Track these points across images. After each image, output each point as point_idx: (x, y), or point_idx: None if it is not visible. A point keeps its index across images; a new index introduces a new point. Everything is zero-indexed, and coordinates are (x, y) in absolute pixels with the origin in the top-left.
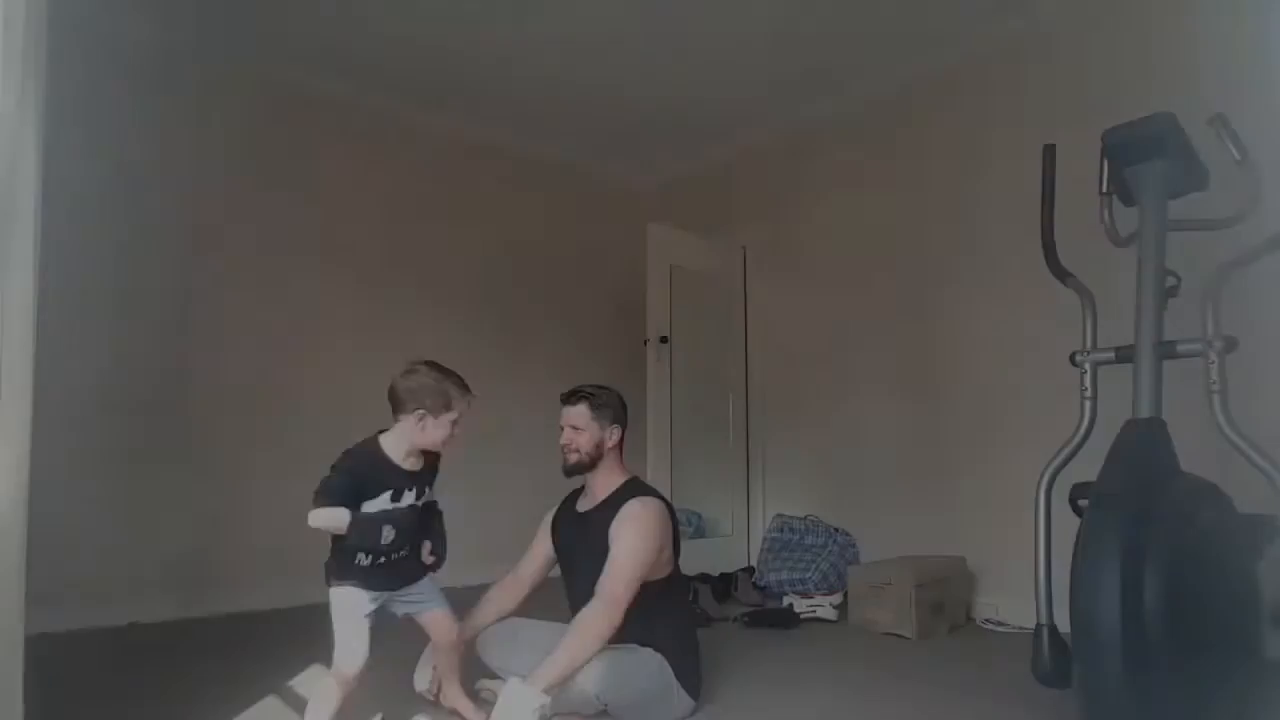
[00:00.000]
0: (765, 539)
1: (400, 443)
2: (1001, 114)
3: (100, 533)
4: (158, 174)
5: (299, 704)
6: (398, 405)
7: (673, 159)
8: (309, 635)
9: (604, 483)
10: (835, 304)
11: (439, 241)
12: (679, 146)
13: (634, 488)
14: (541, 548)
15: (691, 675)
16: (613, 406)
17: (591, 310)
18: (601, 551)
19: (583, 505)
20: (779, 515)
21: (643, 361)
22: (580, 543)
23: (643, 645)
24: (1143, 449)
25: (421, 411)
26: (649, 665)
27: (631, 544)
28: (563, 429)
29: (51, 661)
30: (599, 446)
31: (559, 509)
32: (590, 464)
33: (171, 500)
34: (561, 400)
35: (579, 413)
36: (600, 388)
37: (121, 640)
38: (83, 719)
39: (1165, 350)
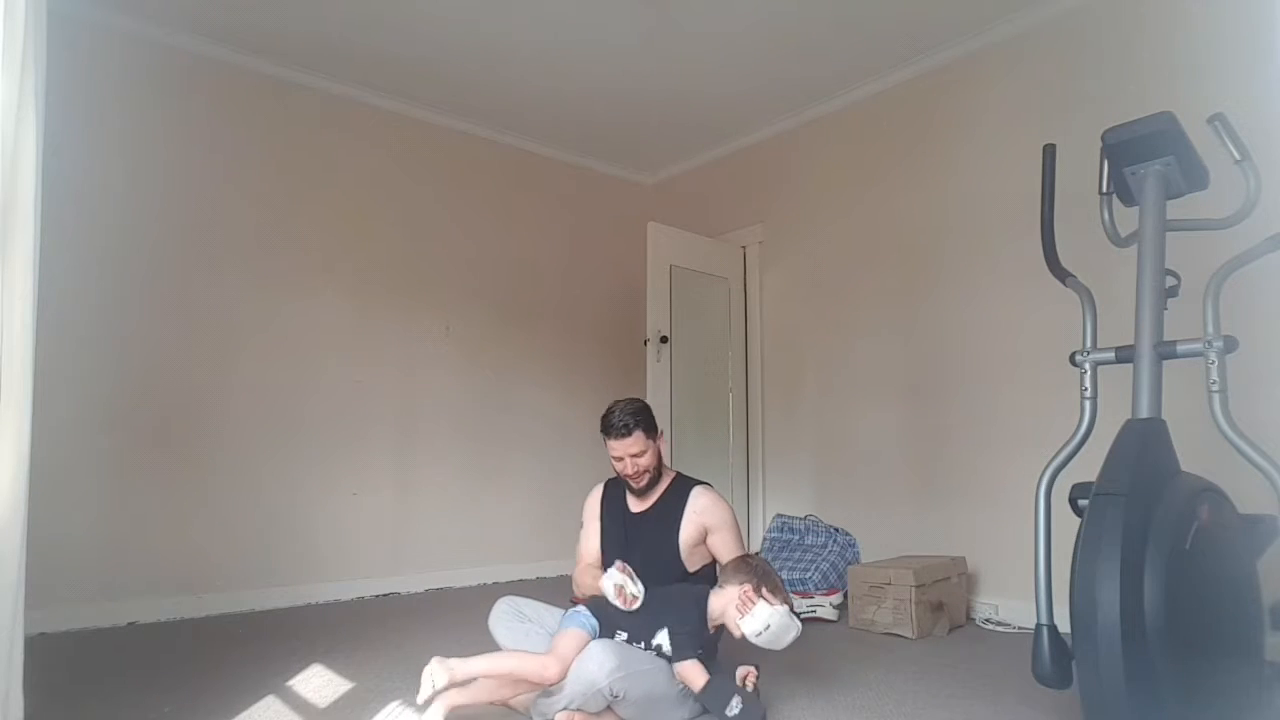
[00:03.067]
0: (765, 539)
1: None
2: (1001, 113)
3: (100, 533)
4: (158, 175)
5: (299, 704)
6: None
7: (673, 158)
8: (309, 635)
9: (658, 483)
10: (835, 303)
11: (436, 244)
12: (679, 145)
13: (688, 479)
14: (597, 529)
15: None
16: (649, 416)
17: (591, 310)
18: (666, 545)
19: (636, 506)
20: (779, 515)
21: (643, 361)
22: (639, 539)
23: None
24: (1143, 449)
25: None
26: (660, 664)
27: (734, 531)
28: (620, 459)
29: (51, 661)
30: (659, 457)
31: (604, 502)
32: (659, 476)
33: (172, 501)
34: (610, 434)
35: (637, 440)
36: (633, 404)
37: (121, 640)
38: (82, 719)
39: (1165, 350)
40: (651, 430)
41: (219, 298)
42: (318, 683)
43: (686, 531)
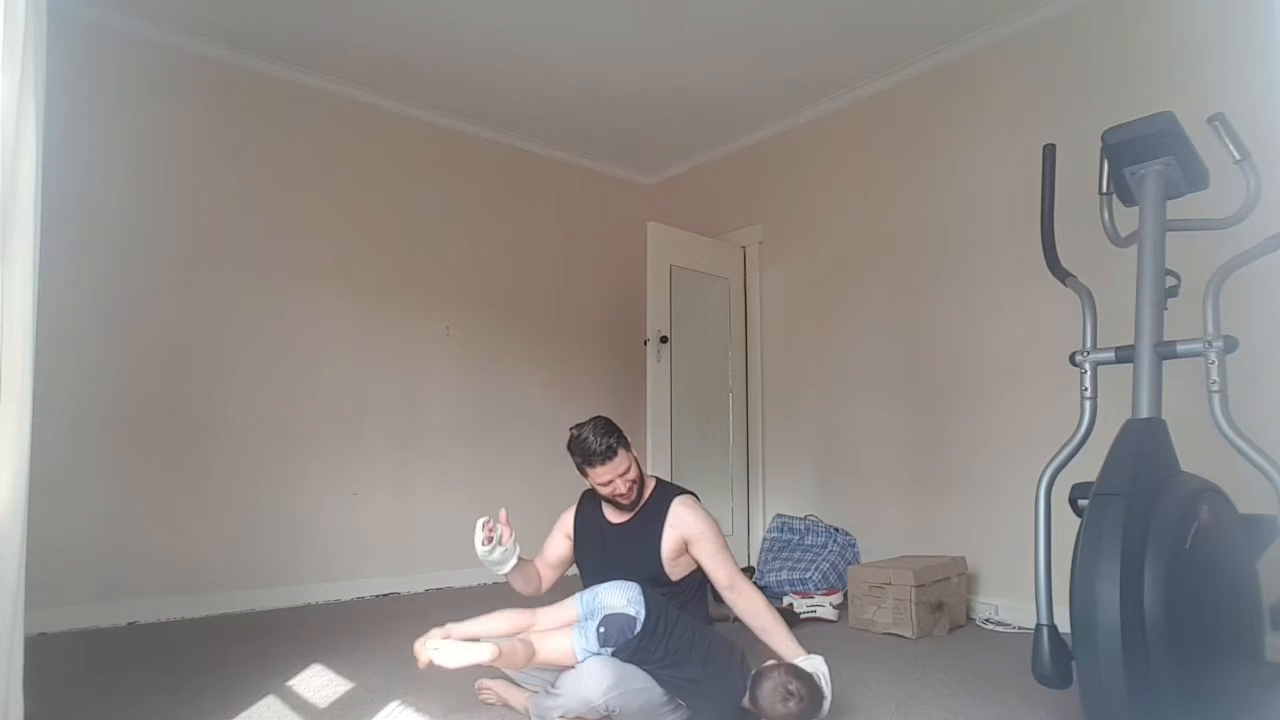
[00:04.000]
0: (765, 539)
1: None
2: (1001, 113)
3: (100, 533)
4: (158, 175)
5: (299, 704)
6: None
7: (672, 158)
8: (309, 635)
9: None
10: (835, 303)
11: (436, 244)
12: (678, 145)
13: (669, 489)
14: (558, 550)
15: None
16: (620, 430)
17: (591, 310)
18: (647, 558)
19: (615, 517)
20: (779, 515)
21: (642, 361)
22: (619, 551)
23: None
24: (1143, 449)
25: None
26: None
27: (715, 541)
28: (609, 483)
29: (51, 661)
30: (641, 470)
31: (579, 515)
32: (643, 486)
33: (172, 500)
34: (595, 461)
35: (622, 459)
36: (601, 424)
37: (121, 640)
38: (83, 719)
39: (1165, 350)
40: (628, 444)
41: (219, 297)
42: (318, 683)
43: (667, 544)
